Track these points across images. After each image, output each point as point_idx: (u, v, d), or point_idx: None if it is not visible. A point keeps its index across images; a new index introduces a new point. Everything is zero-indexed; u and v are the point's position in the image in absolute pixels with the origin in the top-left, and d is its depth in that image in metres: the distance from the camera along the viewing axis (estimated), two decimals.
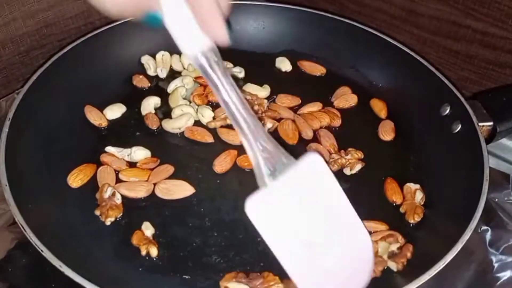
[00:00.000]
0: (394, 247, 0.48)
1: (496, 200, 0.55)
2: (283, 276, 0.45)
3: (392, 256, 0.47)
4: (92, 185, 0.51)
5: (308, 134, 0.58)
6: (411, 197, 0.53)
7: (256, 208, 0.35)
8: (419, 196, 0.52)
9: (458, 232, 0.45)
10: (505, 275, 0.50)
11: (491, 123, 0.54)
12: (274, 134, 0.59)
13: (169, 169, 0.53)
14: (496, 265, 0.50)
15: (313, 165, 0.37)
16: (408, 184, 0.54)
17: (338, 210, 0.38)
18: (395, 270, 0.46)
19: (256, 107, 0.60)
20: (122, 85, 0.63)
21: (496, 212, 0.54)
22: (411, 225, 0.50)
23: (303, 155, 0.37)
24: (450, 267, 0.42)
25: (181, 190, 0.51)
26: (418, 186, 0.54)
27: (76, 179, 0.51)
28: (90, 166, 0.52)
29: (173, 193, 0.51)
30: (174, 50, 0.66)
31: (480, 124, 0.54)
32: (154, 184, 0.52)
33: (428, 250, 0.47)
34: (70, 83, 0.58)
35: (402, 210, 0.52)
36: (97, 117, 0.58)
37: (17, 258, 0.48)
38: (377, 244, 0.47)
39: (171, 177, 0.53)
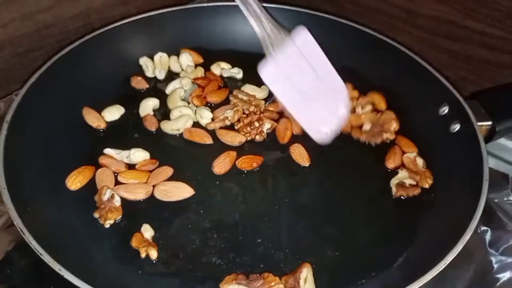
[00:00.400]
0: (409, 181, 0.53)
1: (496, 200, 0.55)
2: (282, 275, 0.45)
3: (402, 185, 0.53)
4: (91, 188, 0.51)
5: None
6: (414, 165, 0.55)
7: (266, 68, 0.50)
8: (420, 162, 0.55)
9: (459, 232, 0.44)
10: (504, 275, 0.50)
11: (490, 123, 0.54)
12: (272, 134, 0.59)
13: (168, 170, 0.53)
14: (495, 265, 0.51)
15: (303, 36, 0.52)
16: (406, 155, 0.56)
17: (322, 66, 0.53)
18: (393, 193, 0.53)
19: (254, 108, 0.60)
20: (120, 87, 0.63)
21: (496, 213, 0.54)
22: (411, 225, 0.51)
23: (295, 30, 0.52)
24: (449, 267, 0.42)
25: (181, 191, 0.51)
26: (414, 153, 0.56)
27: (75, 181, 0.51)
28: (88, 168, 0.52)
29: (172, 194, 0.51)
30: (172, 51, 0.66)
31: (479, 123, 0.54)
32: (153, 186, 0.52)
33: (428, 251, 0.47)
34: (68, 85, 0.58)
35: (411, 181, 0.53)
36: (95, 119, 0.58)
37: (15, 259, 0.48)
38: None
39: (170, 178, 0.53)
